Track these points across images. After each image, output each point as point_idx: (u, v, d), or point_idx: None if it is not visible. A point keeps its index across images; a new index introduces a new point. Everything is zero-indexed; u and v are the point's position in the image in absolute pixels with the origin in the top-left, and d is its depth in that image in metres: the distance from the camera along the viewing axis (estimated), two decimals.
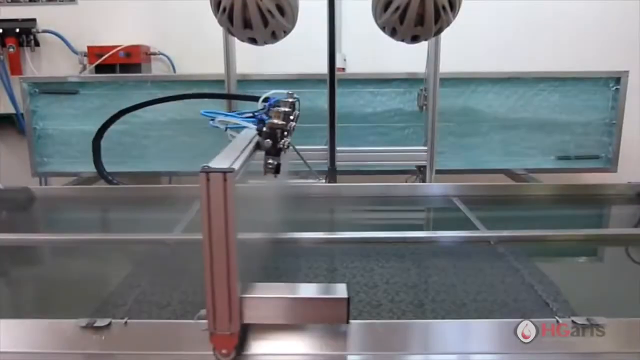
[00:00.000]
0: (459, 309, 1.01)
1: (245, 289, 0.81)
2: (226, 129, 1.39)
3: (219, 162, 0.78)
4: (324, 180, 1.90)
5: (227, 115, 1.39)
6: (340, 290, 0.83)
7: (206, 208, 0.73)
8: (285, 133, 1.03)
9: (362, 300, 1.03)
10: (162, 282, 1.13)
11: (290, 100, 1.36)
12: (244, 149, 0.91)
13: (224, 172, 0.73)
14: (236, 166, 0.76)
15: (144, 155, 2.21)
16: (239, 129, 1.27)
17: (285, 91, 1.72)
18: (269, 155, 1.01)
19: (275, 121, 1.03)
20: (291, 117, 1.08)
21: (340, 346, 0.84)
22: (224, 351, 0.79)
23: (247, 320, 0.80)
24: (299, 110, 1.26)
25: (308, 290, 0.86)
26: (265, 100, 1.58)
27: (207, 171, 0.73)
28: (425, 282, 1.18)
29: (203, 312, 0.80)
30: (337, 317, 0.81)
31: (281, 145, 1.02)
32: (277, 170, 1.01)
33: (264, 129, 1.02)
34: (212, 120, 1.41)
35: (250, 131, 1.10)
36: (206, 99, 2.10)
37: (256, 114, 1.17)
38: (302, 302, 0.82)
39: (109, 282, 1.15)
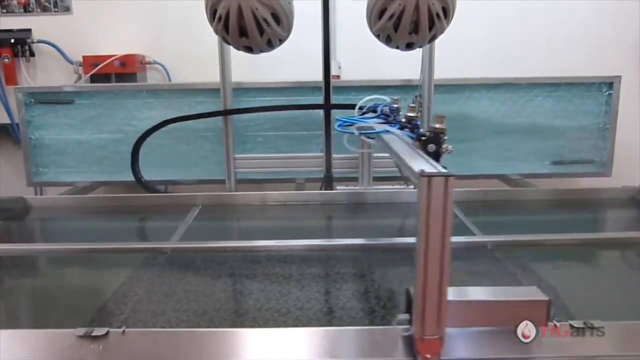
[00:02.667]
0: None
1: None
2: (360, 134, 1.45)
3: (419, 167, 0.76)
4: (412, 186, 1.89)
5: (364, 120, 1.47)
6: (538, 293, 0.82)
7: (425, 212, 0.72)
8: (446, 137, 1.03)
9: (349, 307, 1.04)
10: (159, 291, 1.13)
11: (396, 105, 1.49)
12: (421, 155, 0.91)
13: (446, 176, 0.72)
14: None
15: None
16: (372, 134, 1.39)
17: (386, 97, 1.76)
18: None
19: (438, 125, 1.03)
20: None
21: None
22: (427, 356, 0.77)
23: (450, 325, 0.77)
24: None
25: (507, 293, 0.85)
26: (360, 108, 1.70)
27: (429, 175, 0.72)
28: None
29: (402, 316, 0.79)
30: (538, 319, 0.80)
31: (443, 150, 1.02)
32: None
33: (427, 133, 1.03)
34: (345, 125, 1.46)
35: (394, 136, 1.15)
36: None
37: (414, 121, 1.25)
38: (505, 305, 0.81)
39: (106, 291, 1.14)
